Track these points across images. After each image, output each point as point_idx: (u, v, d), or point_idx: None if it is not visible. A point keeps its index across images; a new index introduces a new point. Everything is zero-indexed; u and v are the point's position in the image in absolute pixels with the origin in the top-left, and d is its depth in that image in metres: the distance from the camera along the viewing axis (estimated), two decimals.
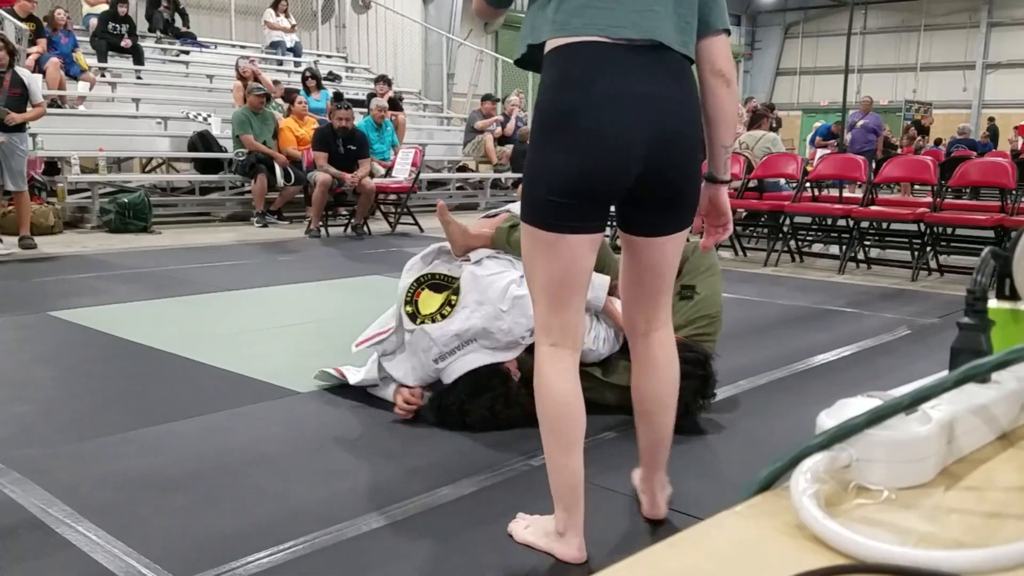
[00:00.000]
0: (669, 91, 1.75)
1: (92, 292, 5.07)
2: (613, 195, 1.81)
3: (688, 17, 1.77)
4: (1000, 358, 0.53)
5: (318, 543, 2.03)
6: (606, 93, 1.71)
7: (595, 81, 1.71)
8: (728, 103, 1.87)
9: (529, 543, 2.02)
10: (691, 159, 1.82)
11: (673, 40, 1.73)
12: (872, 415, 0.53)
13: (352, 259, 6.88)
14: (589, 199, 1.77)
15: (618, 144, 1.72)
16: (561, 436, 1.88)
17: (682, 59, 1.78)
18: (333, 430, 2.83)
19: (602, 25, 1.70)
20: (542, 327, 1.87)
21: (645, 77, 1.72)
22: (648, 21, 1.71)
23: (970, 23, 23.36)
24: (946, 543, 0.48)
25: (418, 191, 10.01)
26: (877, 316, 4.86)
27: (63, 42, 9.68)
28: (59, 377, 3.40)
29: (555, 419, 1.87)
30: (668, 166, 1.78)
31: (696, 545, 0.48)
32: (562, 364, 1.86)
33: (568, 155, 1.73)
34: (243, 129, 8.82)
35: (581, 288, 1.86)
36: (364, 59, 14.71)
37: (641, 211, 1.86)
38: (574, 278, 1.83)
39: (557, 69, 1.75)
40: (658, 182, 1.79)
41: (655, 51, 1.73)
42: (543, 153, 1.77)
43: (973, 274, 0.70)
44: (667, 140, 1.75)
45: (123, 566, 1.90)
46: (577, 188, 1.74)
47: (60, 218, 7.86)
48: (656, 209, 1.86)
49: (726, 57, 1.85)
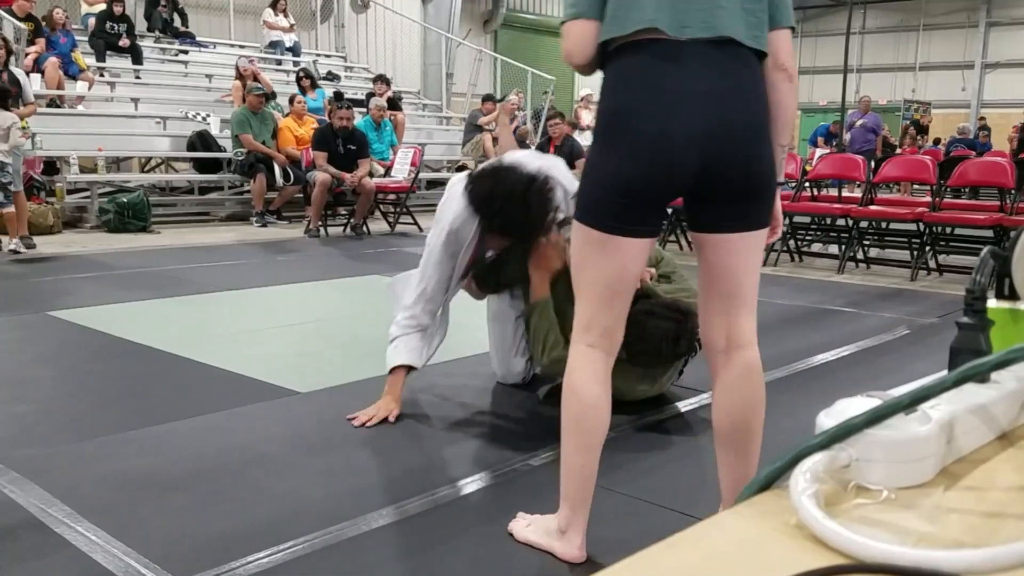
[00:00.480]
0: (731, 85, 1.70)
1: (92, 292, 5.06)
2: (669, 196, 1.77)
3: (758, 12, 1.73)
4: (999, 358, 0.53)
5: (318, 543, 2.03)
6: (665, 92, 1.67)
7: (655, 81, 1.68)
8: (789, 99, 1.82)
9: (530, 542, 2.02)
10: (757, 154, 1.75)
11: (744, 35, 1.69)
12: (872, 415, 0.53)
13: (351, 259, 6.87)
14: (644, 200, 1.74)
15: (675, 144, 1.68)
16: (583, 437, 1.86)
17: (751, 53, 1.73)
18: (333, 430, 2.83)
19: (668, 23, 1.67)
20: (583, 326, 1.84)
21: (707, 73, 1.68)
22: (716, 19, 1.67)
23: (969, 23, 23.35)
24: (946, 543, 0.48)
25: (417, 191, 10.01)
26: (876, 316, 4.86)
27: (62, 42, 9.67)
28: (59, 377, 3.40)
29: (580, 420, 1.86)
30: (730, 161, 1.71)
31: (696, 545, 0.48)
32: (595, 366, 1.84)
33: (624, 156, 1.71)
34: (242, 129, 8.82)
35: (628, 292, 1.83)
36: (363, 59, 14.70)
37: (708, 208, 1.79)
38: (622, 281, 1.81)
39: (618, 70, 1.73)
40: (722, 178, 1.73)
41: (722, 46, 1.68)
42: (601, 154, 1.75)
43: (972, 274, 0.70)
44: (728, 134, 1.69)
45: (123, 566, 1.90)
46: (632, 189, 1.71)
47: (59, 218, 7.86)
48: (724, 205, 1.78)
49: (789, 52, 1.81)
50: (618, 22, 1.70)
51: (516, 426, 2.94)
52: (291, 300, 5.09)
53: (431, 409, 3.08)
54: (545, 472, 2.50)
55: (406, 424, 2.90)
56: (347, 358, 3.79)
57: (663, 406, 3.07)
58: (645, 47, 1.68)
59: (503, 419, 3.00)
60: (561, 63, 1.97)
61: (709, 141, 1.68)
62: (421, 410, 3.06)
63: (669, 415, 3.00)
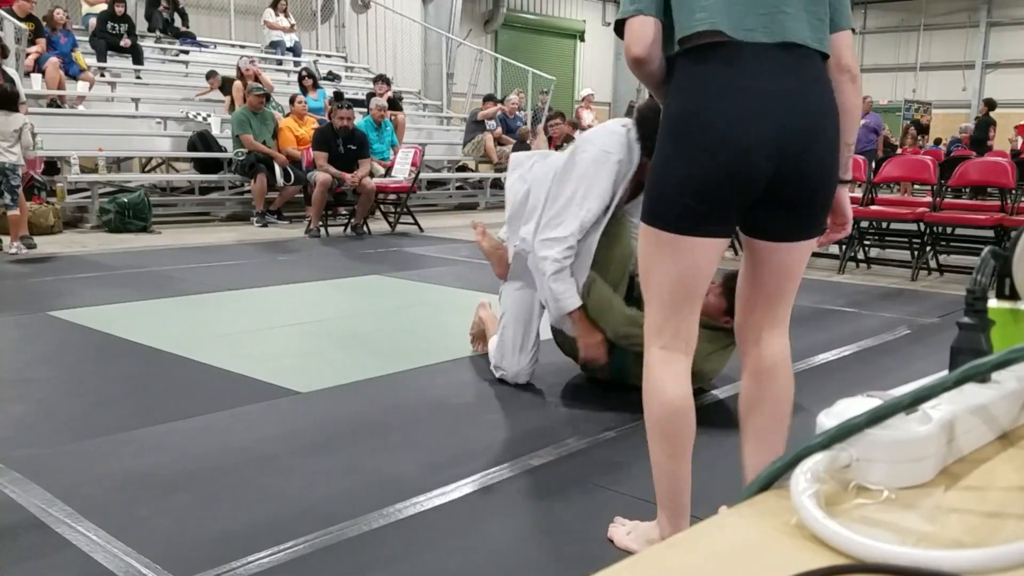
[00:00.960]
0: (799, 87, 1.70)
1: (92, 292, 5.06)
2: (741, 198, 1.75)
3: (820, 14, 1.74)
4: (1000, 358, 0.53)
5: (318, 543, 2.03)
6: (736, 95, 1.68)
7: (724, 84, 1.68)
8: (854, 99, 1.83)
9: (631, 549, 1.98)
10: (826, 159, 1.75)
11: (808, 38, 1.71)
12: (872, 415, 0.53)
13: (352, 259, 6.88)
14: (714, 201, 1.73)
15: (746, 145, 1.68)
16: (670, 441, 1.84)
17: (816, 55, 1.74)
18: (333, 430, 2.83)
19: (730, 26, 1.67)
20: (654, 329, 1.83)
21: (775, 76, 1.69)
22: (779, 23, 1.68)
23: (969, 23, 23.34)
24: (946, 543, 0.48)
25: (418, 191, 10.01)
26: (877, 316, 4.86)
27: (62, 42, 9.68)
28: (59, 377, 3.40)
29: (666, 424, 1.83)
30: (802, 166, 1.72)
31: (696, 545, 0.48)
32: (674, 367, 1.82)
33: (696, 158, 1.71)
34: (243, 129, 8.82)
35: (698, 294, 1.82)
36: (363, 59, 14.71)
37: (772, 214, 1.79)
38: (692, 282, 1.79)
39: (686, 73, 1.73)
40: (792, 183, 1.73)
41: (788, 49, 1.69)
42: (669, 155, 1.75)
43: (973, 274, 0.70)
44: (800, 138, 1.70)
45: (123, 566, 1.90)
46: (704, 190, 1.71)
47: (60, 218, 7.86)
48: (788, 212, 1.78)
49: (851, 53, 1.83)
50: (681, 26, 1.71)
51: (515, 426, 2.94)
52: (291, 300, 5.09)
53: (430, 409, 3.08)
54: (544, 473, 2.50)
55: (405, 424, 2.90)
56: (347, 358, 3.79)
57: None
58: (712, 51, 1.69)
59: (502, 419, 3.00)
60: (561, 63, 1.97)
61: (780, 143, 1.68)
62: (420, 410, 3.06)
63: None
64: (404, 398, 3.21)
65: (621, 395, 3.20)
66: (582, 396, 3.26)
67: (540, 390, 3.31)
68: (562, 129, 9.35)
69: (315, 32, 14.58)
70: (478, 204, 11.74)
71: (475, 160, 12.13)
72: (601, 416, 2.99)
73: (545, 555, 2.00)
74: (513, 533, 2.11)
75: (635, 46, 1.74)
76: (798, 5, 1.70)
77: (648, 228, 1.80)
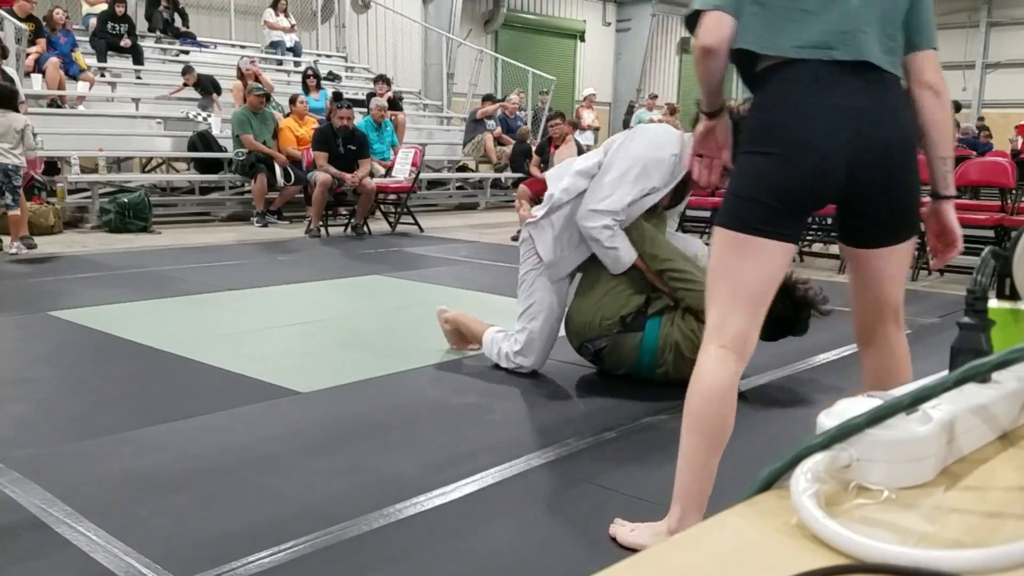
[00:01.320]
0: (875, 104, 1.81)
1: (92, 292, 5.07)
2: (813, 203, 1.86)
3: (895, 37, 1.84)
4: (1000, 358, 0.53)
5: (318, 543, 2.03)
6: (816, 109, 1.79)
7: (806, 98, 1.80)
8: (939, 114, 1.89)
9: (638, 545, 2.00)
10: (900, 170, 1.84)
11: (882, 60, 1.81)
12: (872, 415, 0.53)
13: (352, 259, 6.88)
14: (790, 203, 1.82)
15: (821, 153, 1.79)
16: (710, 438, 1.89)
17: (890, 75, 1.84)
18: (333, 430, 2.83)
19: (810, 44, 1.79)
20: (715, 328, 1.87)
21: (851, 91, 1.79)
22: (857, 43, 1.79)
23: (969, 23, 23.34)
24: (946, 543, 0.48)
25: (418, 191, 10.01)
26: None
27: (62, 42, 9.68)
28: (59, 377, 3.40)
29: (710, 419, 1.88)
30: (876, 178, 1.82)
31: (696, 545, 0.48)
32: (727, 368, 1.86)
33: (771, 162, 1.81)
34: (243, 129, 8.82)
35: (762, 299, 1.86)
36: (364, 59, 14.70)
37: (858, 224, 1.91)
38: (758, 285, 1.85)
39: (770, 87, 1.84)
40: (868, 194, 1.84)
41: (864, 68, 1.80)
42: (750, 162, 1.85)
43: (973, 274, 0.70)
44: (873, 152, 1.80)
45: (123, 566, 1.90)
46: (780, 192, 1.81)
47: (60, 218, 7.86)
48: (872, 220, 1.89)
49: (933, 69, 1.89)
50: (765, 41, 1.82)
51: (515, 426, 2.94)
52: (291, 300, 5.09)
53: (430, 409, 3.08)
54: (544, 474, 2.50)
55: (405, 425, 2.90)
56: (347, 358, 3.79)
57: (663, 405, 3.07)
58: (796, 66, 1.81)
59: (502, 419, 3.00)
60: (561, 63, 2.01)
61: (855, 155, 1.79)
62: (420, 410, 3.06)
63: (670, 414, 3.00)
64: (404, 398, 3.21)
65: (621, 395, 3.21)
66: (583, 396, 3.26)
67: (540, 390, 3.31)
68: (562, 129, 9.34)
69: (315, 32, 14.58)
70: (478, 204, 11.74)
71: (475, 160, 12.13)
72: (601, 416, 2.99)
73: (545, 555, 2.00)
74: (513, 533, 2.11)
75: (708, 35, 1.83)
76: (875, 27, 1.81)
77: (722, 231, 1.87)
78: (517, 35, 18.61)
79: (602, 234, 3.15)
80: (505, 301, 4.47)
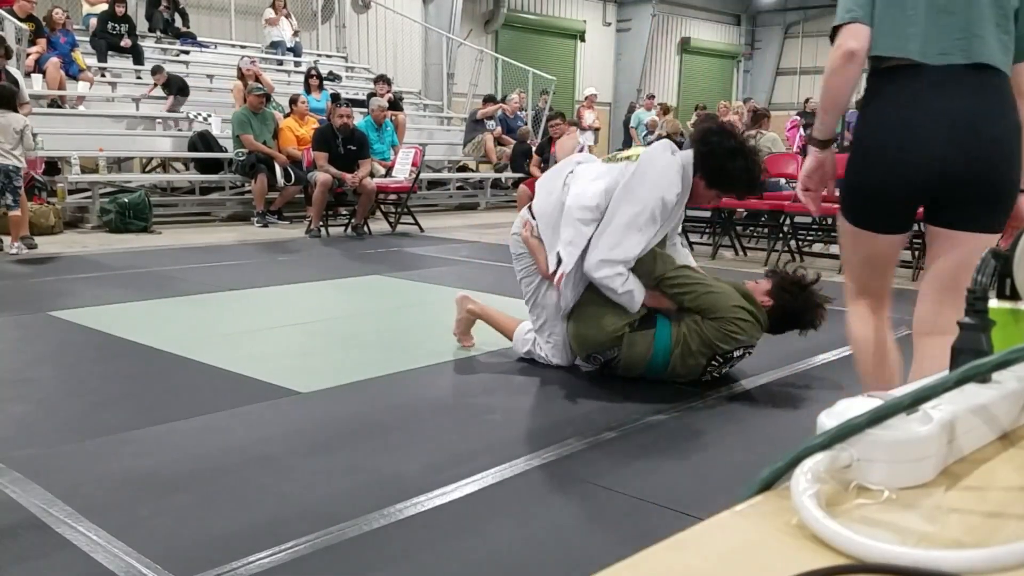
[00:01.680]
0: (981, 105, 1.94)
1: (92, 292, 5.07)
2: (905, 206, 2.11)
3: (1008, 42, 1.96)
4: (1000, 358, 0.53)
5: (318, 543, 2.03)
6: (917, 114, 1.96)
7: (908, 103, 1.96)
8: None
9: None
10: (997, 167, 1.99)
11: (999, 61, 1.93)
12: (873, 415, 0.52)
13: (352, 259, 6.88)
14: (883, 206, 2.11)
15: (916, 163, 1.99)
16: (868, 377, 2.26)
17: (1003, 76, 1.96)
18: (333, 430, 2.83)
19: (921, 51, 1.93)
20: (851, 293, 2.30)
21: (961, 95, 1.94)
22: (975, 46, 1.91)
23: None
24: (946, 543, 0.48)
25: (418, 191, 10.01)
26: None
27: (62, 42, 9.68)
28: (59, 377, 3.40)
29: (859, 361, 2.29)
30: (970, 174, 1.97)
31: (697, 545, 0.48)
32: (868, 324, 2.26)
33: (872, 168, 2.06)
34: (243, 129, 8.82)
35: (881, 271, 2.24)
36: (364, 59, 14.70)
37: (946, 208, 2.08)
38: (873, 263, 2.22)
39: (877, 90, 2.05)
40: (960, 187, 2.00)
41: (978, 70, 1.93)
42: (855, 161, 2.12)
43: (973, 274, 0.70)
44: (969, 150, 1.94)
45: (123, 566, 1.90)
46: (873, 197, 2.10)
47: (60, 218, 7.86)
48: (960, 208, 2.05)
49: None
50: (878, 46, 1.99)
51: (516, 426, 2.94)
52: (292, 300, 5.09)
53: (430, 409, 3.08)
54: (543, 475, 2.50)
55: (405, 425, 2.90)
56: (347, 358, 3.79)
57: (663, 406, 3.07)
58: (904, 72, 1.97)
59: (502, 419, 3.00)
60: (562, 63, 2.04)
61: (950, 156, 1.96)
62: (420, 410, 3.06)
63: (671, 414, 3.00)
64: (404, 398, 3.21)
65: (621, 395, 3.20)
66: (583, 396, 3.26)
67: (540, 390, 3.31)
68: (562, 129, 9.34)
69: (315, 32, 14.59)
70: (478, 204, 11.74)
71: (475, 160, 12.13)
72: (601, 416, 2.99)
73: (545, 555, 2.00)
74: (513, 533, 2.11)
75: (852, 40, 2.01)
76: (989, 27, 1.93)
77: (842, 218, 2.21)
78: (517, 35, 18.62)
79: (615, 282, 3.17)
80: (505, 301, 4.47)
